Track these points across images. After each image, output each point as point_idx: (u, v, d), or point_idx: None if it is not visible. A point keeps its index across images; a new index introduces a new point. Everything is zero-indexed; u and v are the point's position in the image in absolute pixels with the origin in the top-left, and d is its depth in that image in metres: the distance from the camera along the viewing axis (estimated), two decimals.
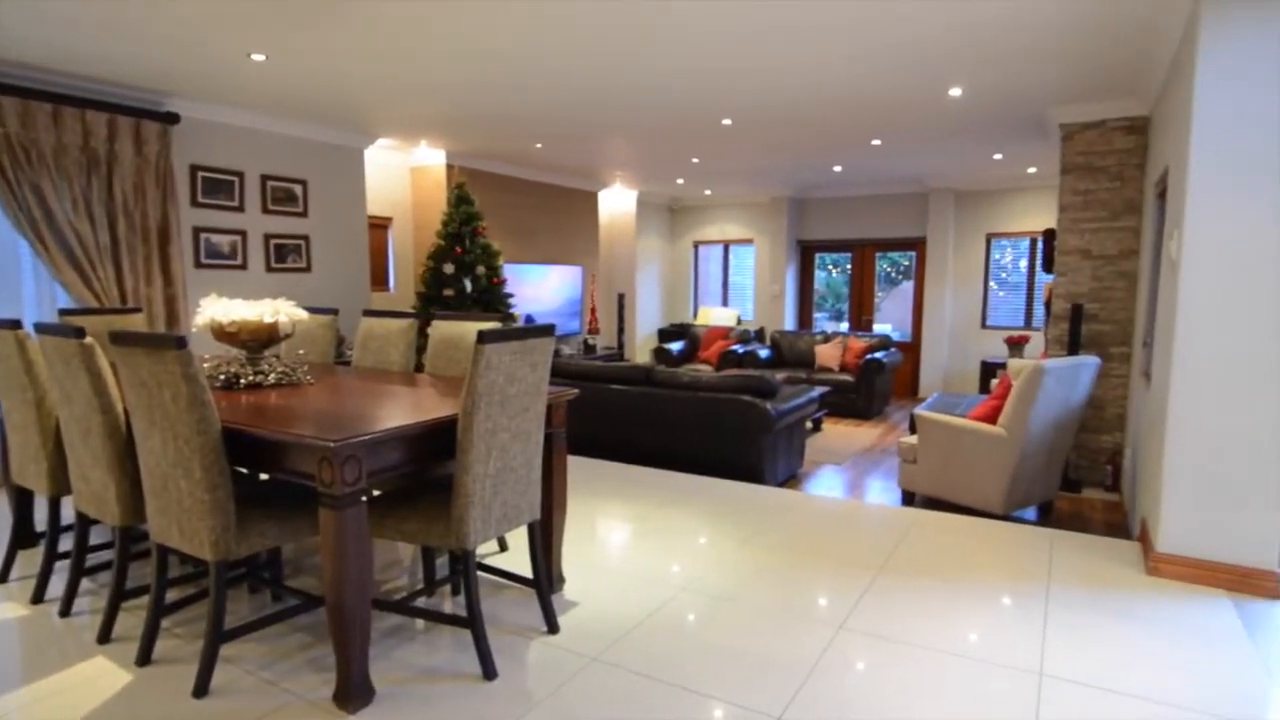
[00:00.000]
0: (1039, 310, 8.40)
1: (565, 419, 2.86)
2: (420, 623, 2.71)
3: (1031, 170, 7.77)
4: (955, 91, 4.64)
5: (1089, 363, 4.18)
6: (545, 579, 2.64)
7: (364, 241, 6.37)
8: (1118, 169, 4.94)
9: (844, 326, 10.14)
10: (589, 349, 9.02)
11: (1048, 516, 4.42)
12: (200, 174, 5.14)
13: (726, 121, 5.55)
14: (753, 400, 4.77)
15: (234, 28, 3.57)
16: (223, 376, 2.79)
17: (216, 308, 2.84)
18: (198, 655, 2.33)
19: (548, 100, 4.98)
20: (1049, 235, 5.60)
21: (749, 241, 10.32)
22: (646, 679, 2.31)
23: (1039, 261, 7.94)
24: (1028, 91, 4.64)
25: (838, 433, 7.09)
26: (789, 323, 9.91)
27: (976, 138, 6.15)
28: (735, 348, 8.79)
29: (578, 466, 4.97)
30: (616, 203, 9.81)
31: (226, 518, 2.16)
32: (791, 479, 5.29)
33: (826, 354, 8.43)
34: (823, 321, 10.68)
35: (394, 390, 2.88)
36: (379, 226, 7.01)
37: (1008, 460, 4.01)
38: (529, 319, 7.82)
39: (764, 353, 8.88)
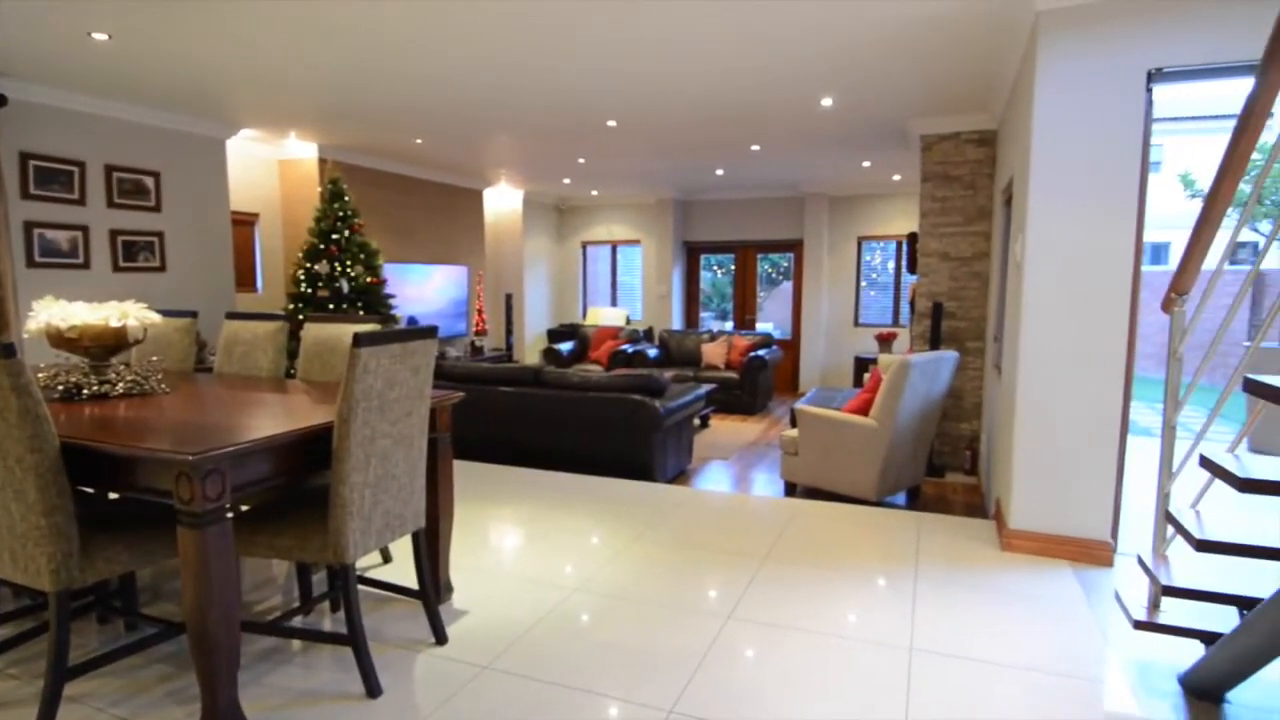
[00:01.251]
0: (905, 308, 8.99)
1: (451, 423, 2.78)
2: (297, 643, 2.56)
3: (897, 177, 8.30)
4: (827, 102, 4.89)
5: (948, 357, 4.52)
6: (432, 589, 2.56)
7: (227, 239, 5.94)
8: (970, 178, 5.36)
9: (729, 325, 10.46)
10: (476, 351, 8.83)
11: (916, 500, 4.74)
12: (32, 163, 4.62)
13: (612, 123, 5.59)
14: (642, 399, 4.82)
15: (70, 2, 3.24)
16: (61, 387, 2.52)
17: (53, 311, 2.56)
18: (38, 696, 2.10)
19: (425, 96, 4.83)
20: (912, 238, 6.00)
21: (636, 242, 10.44)
22: (538, 683, 2.28)
23: (904, 263, 8.49)
24: (891, 104, 4.95)
25: (724, 428, 7.30)
26: (676, 322, 10.10)
27: (847, 146, 6.50)
28: (625, 347, 8.87)
29: (466, 471, 4.85)
30: (503, 202, 9.66)
31: (68, 543, 1.96)
32: (681, 475, 5.40)
33: (713, 352, 8.65)
34: (709, 321, 10.96)
35: (262, 398, 2.70)
36: (244, 223, 6.56)
37: (879, 449, 4.27)
38: (412, 320, 7.55)
39: (653, 352, 9.01)
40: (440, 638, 2.53)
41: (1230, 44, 2.86)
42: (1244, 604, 2.05)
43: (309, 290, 6.01)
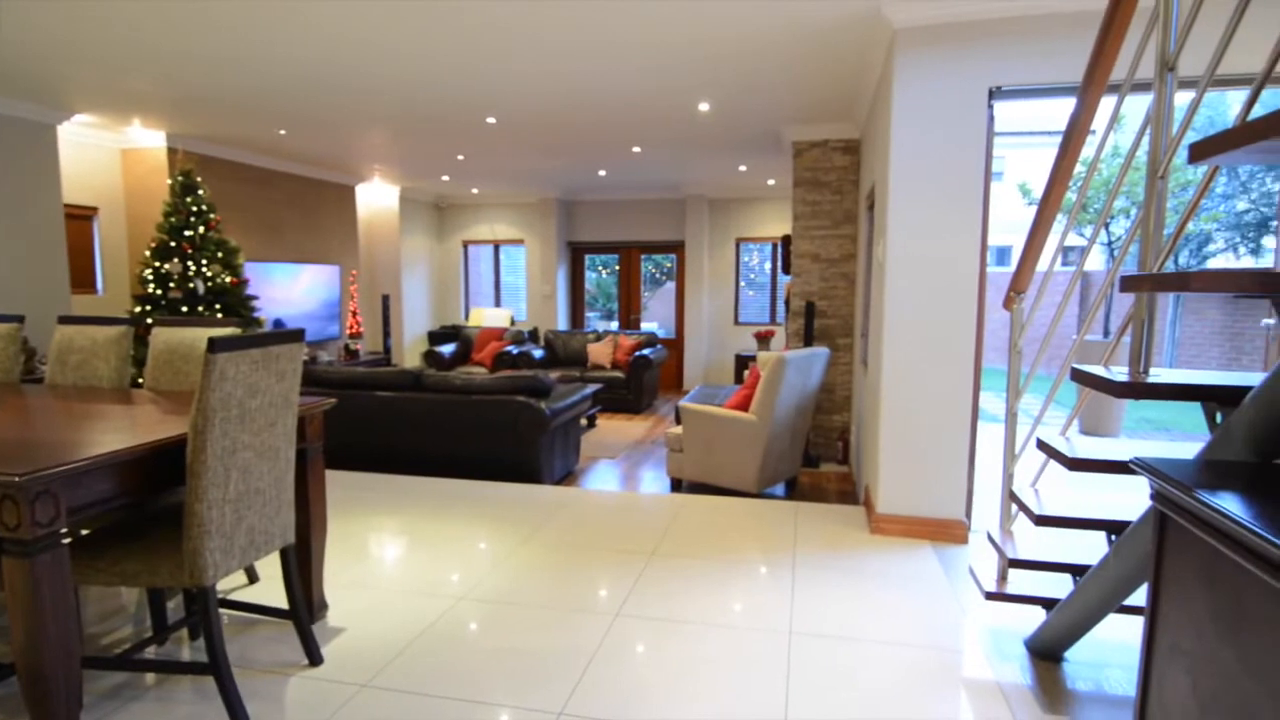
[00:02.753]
0: (781, 307, 9.38)
1: (322, 431, 2.64)
2: (151, 677, 2.34)
3: (771, 182, 8.64)
4: (704, 106, 5.02)
5: (820, 353, 4.75)
6: (304, 607, 2.42)
7: (60, 235, 5.35)
8: (838, 183, 5.66)
9: (614, 325, 10.54)
10: (351, 354, 8.42)
11: (793, 490, 4.95)
12: None
13: (491, 120, 5.49)
14: (527, 400, 4.77)
15: None
16: None
17: None
18: None
19: (287, 83, 4.56)
20: (786, 240, 6.27)
21: (520, 242, 10.30)
22: (423, 696, 2.21)
23: (779, 264, 8.86)
24: (765, 111, 5.15)
25: (611, 428, 7.34)
26: (562, 322, 10.06)
27: (724, 150, 6.70)
28: (509, 348, 8.74)
29: (343, 481, 4.62)
30: (377, 198, 9.26)
31: None
32: (568, 476, 5.38)
33: (598, 352, 8.68)
34: (594, 321, 10.99)
35: (103, 410, 2.46)
36: (80, 218, 5.94)
37: (759, 443, 4.43)
38: (278, 323, 7.10)
39: (538, 353, 8.92)
40: (314, 658, 2.40)
41: (1058, 68, 3.17)
42: (1077, 571, 2.28)
43: (158, 292, 5.53)
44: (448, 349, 9.12)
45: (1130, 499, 2.15)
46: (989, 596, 2.52)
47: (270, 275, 7.09)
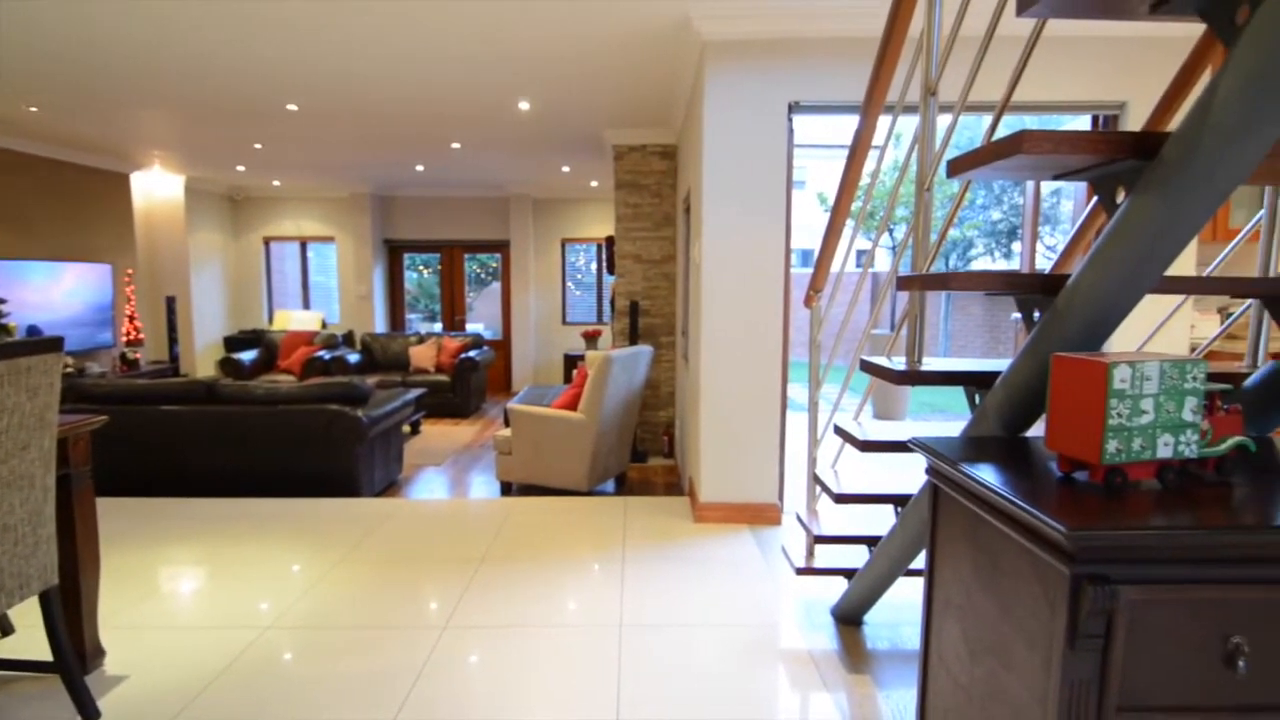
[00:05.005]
0: (608, 307, 9.55)
1: (89, 454, 2.31)
2: None
3: (595, 183, 8.76)
4: (524, 105, 4.98)
5: (644, 351, 4.90)
6: (72, 657, 2.10)
7: None
8: (657, 187, 5.86)
9: (438, 327, 10.16)
10: (130, 364, 7.43)
11: (623, 486, 5.06)
12: None
13: (292, 107, 5.08)
14: (342, 408, 4.47)
15: None
16: None
17: None
18: None
19: (30, 51, 3.93)
20: (610, 241, 6.38)
21: (330, 239, 9.62)
22: None
23: (604, 264, 9.02)
24: (585, 113, 5.21)
25: (437, 433, 7.08)
26: (380, 325, 9.55)
27: (547, 150, 6.69)
28: (321, 354, 8.15)
29: (125, 510, 4.07)
30: (158, 188, 8.23)
31: None
32: (391, 486, 5.12)
33: (421, 355, 8.34)
34: (416, 323, 10.55)
35: None
36: None
37: (588, 441, 4.48)
38: (32, 330, 6.11)
39: (354, 357, 8.40)
40: (88, 713, 2.09)
41: (846, 88, 3.49)
42: (871, 543, 2.53)
43: None
44: (248, 356, 8.32)
45: (915, 475, 2.43)
46: (799, 572, 2.74)
47: (23, 276, 6.09)
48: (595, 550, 3.45)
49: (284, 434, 4.48)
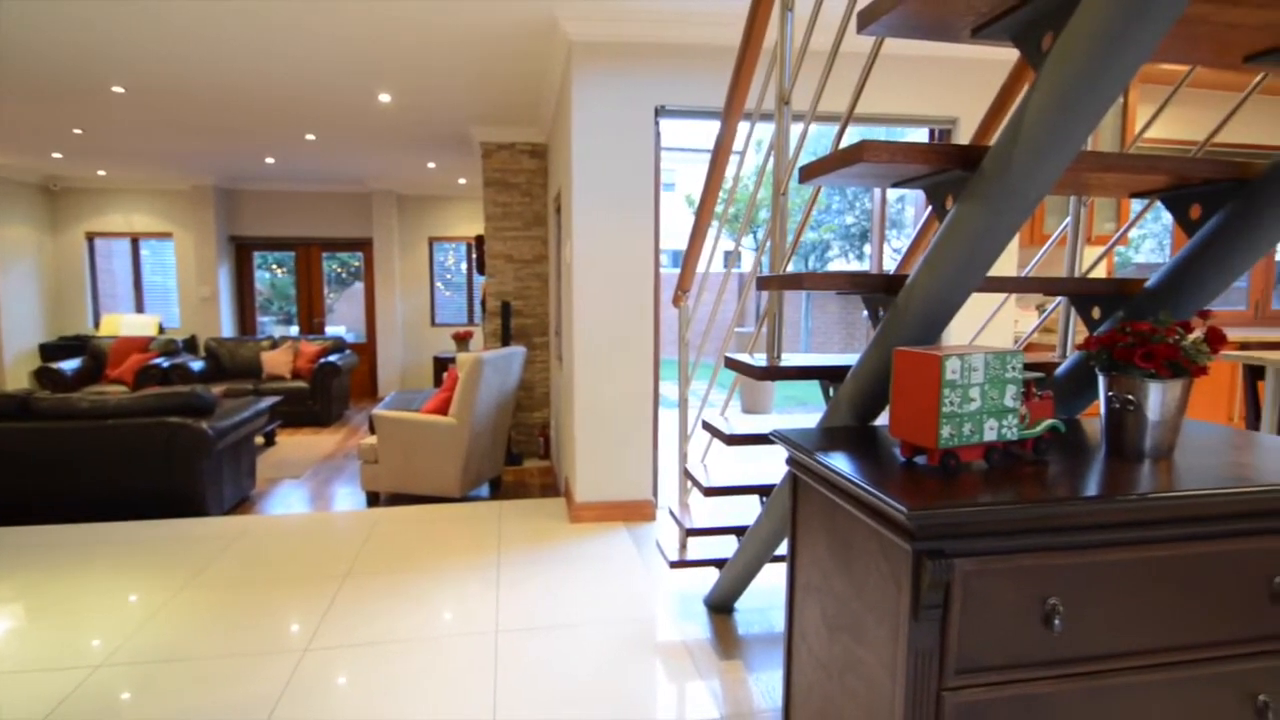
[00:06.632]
0: (479, 308, 9.33)
1: None
2: None
3: (463, 181, 8.53)
4: (385, 97, 4.78)
5: (517, 352, 4.83)
6: None
7: None
8: (527, 186, 5.80)
9: (294, 330, 9.54)
10: None
11: (498, 490, 4.97)
12: None
13: (119, 89, 4.60)
14: (183, 421, 4.10)
15: None
16: None
17: None
18: None
19: None
20: (480, 241, 6.25)
21: (168, 235, 8.79)
22: None
23: (475, 264, 8.81)
24: (450, 109, 5.06)
25: (294, 443, 6.65)
26: (227, 329, 8.83)
27: (410, 145, 6.45)
28: (158, 361, 7.43)
29: None
30: None
31: None
32: (243, 503, 4.75)
33: (275, 361, 7.80)
34: (269, 326, 9.86)
35: None
36: None
37: (460, 445, 4.36)
38: None
39: (197, 364, 7.73)
40: None
41: (708, 94, 3.60)
42: (740, 533, 2.63)
43: None
44: (71, 365, 7.46)
45: (779, 466, 2.54)
46: (673, 565, 2.80)
47: None
48: (469, 557, 3.36)
49: (115, 451, 4.05)
